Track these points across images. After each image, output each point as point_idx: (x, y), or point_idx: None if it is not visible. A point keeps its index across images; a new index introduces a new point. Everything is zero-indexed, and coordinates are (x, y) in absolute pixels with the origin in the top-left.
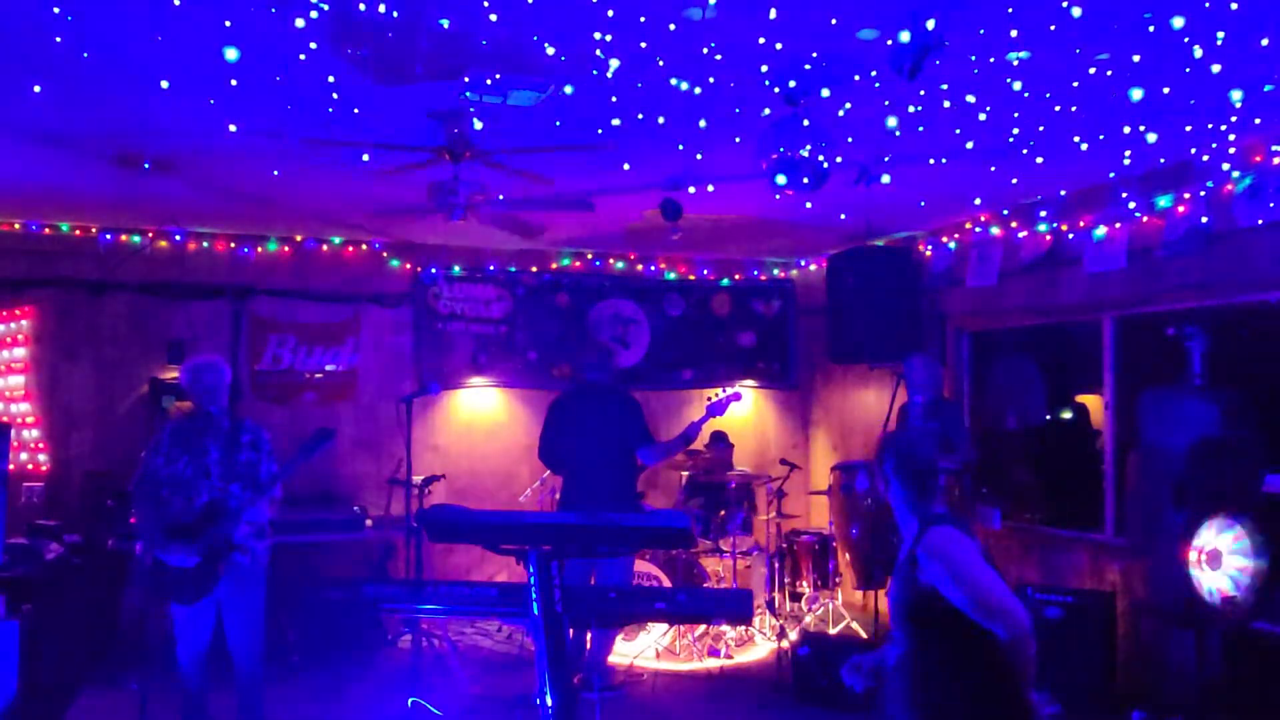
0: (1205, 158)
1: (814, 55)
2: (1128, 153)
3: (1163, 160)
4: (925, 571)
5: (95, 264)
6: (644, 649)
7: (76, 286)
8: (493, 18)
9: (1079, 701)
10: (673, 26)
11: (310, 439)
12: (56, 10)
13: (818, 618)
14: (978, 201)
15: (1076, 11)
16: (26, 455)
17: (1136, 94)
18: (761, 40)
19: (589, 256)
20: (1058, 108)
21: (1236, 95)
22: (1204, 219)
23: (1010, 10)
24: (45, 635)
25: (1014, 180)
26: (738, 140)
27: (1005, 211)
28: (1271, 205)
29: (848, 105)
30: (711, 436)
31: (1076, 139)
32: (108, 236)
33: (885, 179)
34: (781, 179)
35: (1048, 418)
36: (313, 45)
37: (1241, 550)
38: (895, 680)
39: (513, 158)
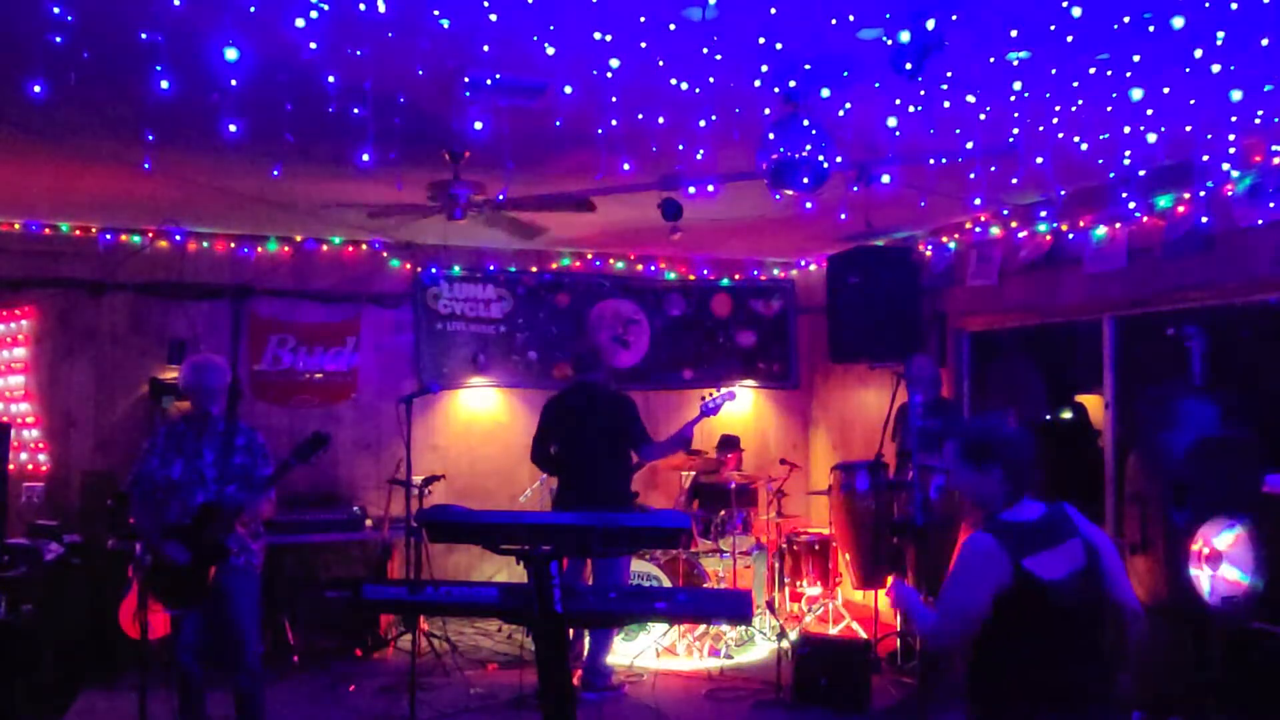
0: (1205, 158)
1: (814, 55)
2: (1128, 153)
3: (1163, 160)
4: None
5: (95, 264)
6: (644, 649)
7: (76, 286)
8: (493, 18)
9: None
10: (673, 26)
11: (304, 444)
12: (57, 10)
13: (818, 618)
14: (978, 201)
15: (1076, 11)
16: (26, 455)
17: (1136, 94)
18: (761, 40)
19: (589, 256)
20: (1058, 108)
21: (1236, 95)
22: (1204, 219)
23: (1010, 10)
24: (45, 635)
25: (1014, 180)
26: (738, 140)
27: (1005, 211)
28: (1271, 205)
29: (848, 105)
30: (721, 440)
31: (1076, 139)
32: (108, 236)
33: (885, 179)
34: (781, 179)
35: (1048, 417)
36: (313, 45)
37: (1241, 550)
38: None
39: (512, 158)
